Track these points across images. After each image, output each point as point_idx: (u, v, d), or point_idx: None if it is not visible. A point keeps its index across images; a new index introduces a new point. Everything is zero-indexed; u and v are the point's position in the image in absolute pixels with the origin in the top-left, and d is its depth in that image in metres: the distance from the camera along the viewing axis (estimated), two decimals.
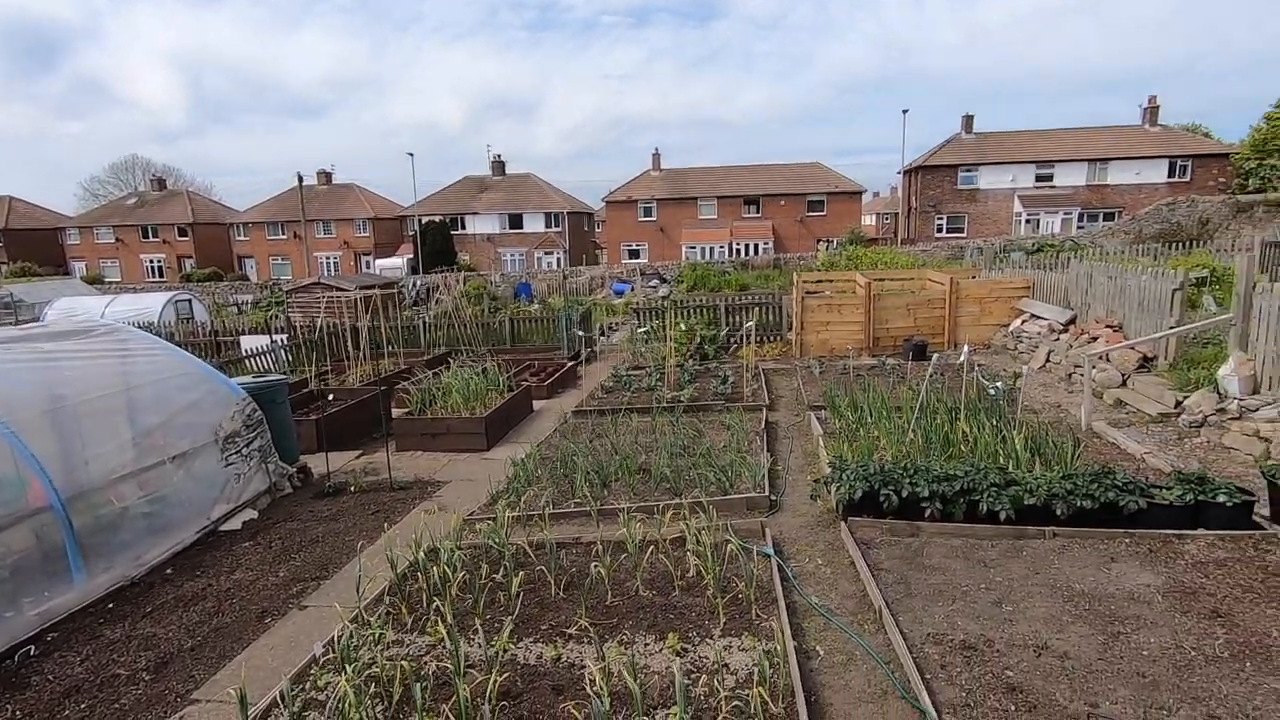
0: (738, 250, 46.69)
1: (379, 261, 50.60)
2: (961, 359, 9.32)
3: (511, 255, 52.88)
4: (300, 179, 44.28)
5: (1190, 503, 5.61)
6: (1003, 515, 5.65)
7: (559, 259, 51.65)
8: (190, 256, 58.41)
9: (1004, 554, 5.46)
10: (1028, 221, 42.38)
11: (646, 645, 4.47)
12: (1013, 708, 3.74)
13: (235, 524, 7.02)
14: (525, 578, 5.29)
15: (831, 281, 18.19)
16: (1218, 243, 24.81)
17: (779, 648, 4.09)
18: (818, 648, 4.44)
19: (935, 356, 10.03)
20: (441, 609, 4.75)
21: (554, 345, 16.20)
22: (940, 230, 44.36)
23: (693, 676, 4.09)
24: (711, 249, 47.34)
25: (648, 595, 5.05)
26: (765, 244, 47.08)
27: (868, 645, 4.39)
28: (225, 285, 45.53)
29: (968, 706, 3.77)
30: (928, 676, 4.00)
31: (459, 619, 4.81)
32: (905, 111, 45.15)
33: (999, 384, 9.71)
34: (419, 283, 32.48)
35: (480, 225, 53.69)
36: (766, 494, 6.73)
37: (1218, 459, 7.27)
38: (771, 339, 15.96)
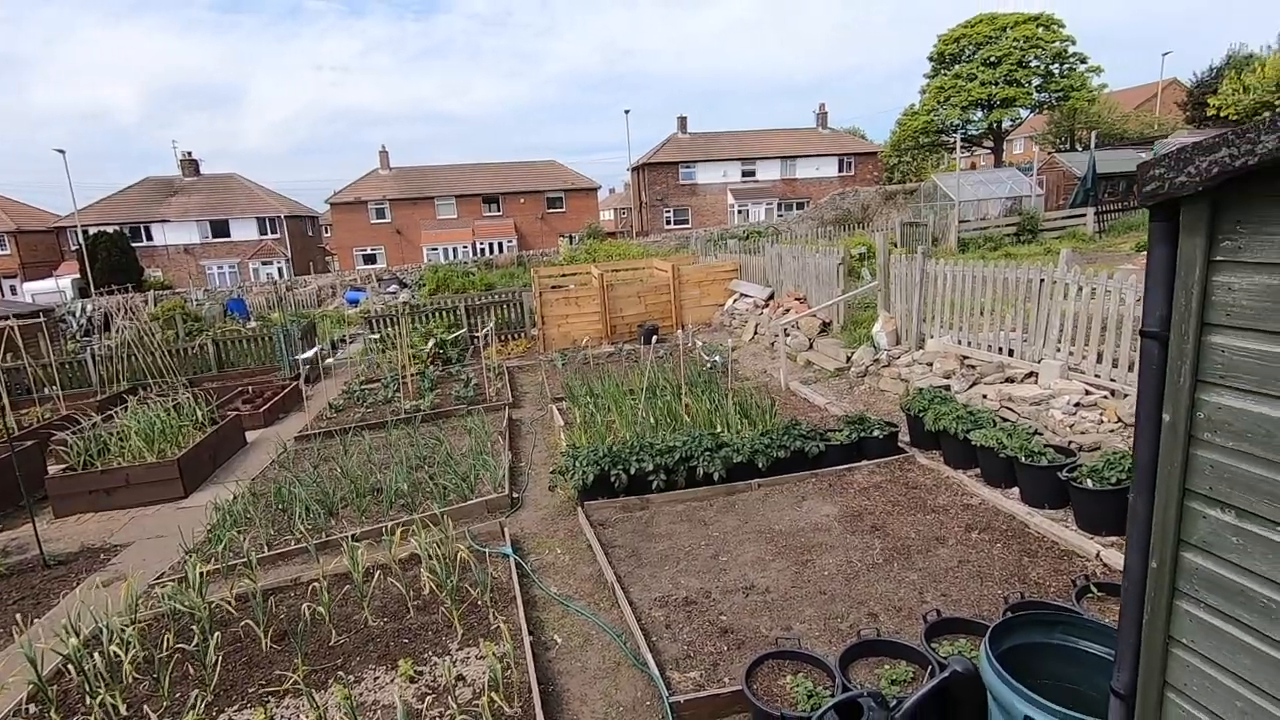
0: (482, 249, 45.86)
1: (29, 285, 40.47)
2: (684, 339, 10.17)
3: (220, 268, 45.87)
4: None
5: (856, 440, 6.76)
6: (716, 476, 6.26)
7: (281, 269, 46.07)
8: None
9: (720, 510, 6.05)
10: (739, 212, 47.83)
11: (377, 679, 4.14)
12: (725, 648, 4.15)
13: None
14: (228, 638, 4.59)
15: (574, 275, 18.69)
16: (875, 224, 30.41)
17: (510, 648, 4.05)
18: (556, 636, 4.49)
19: (655, 339, 10.77)
20: (111, 701, 3.91)
21: (273, 366, 14.39)
22: (669, 222, 48.08)
23: (427, 700, 3.88)
24: (455, 249, 45.88)
25: (379, 624, 4.68)
26: (509, 242, 46.89)
27: (603, 623, 4.56)
28: None
29: (688, 657, 4.09)
30: (654, 639, 4.27)
31: (136, 707, 4.00)
32: (627, 111, 48.19)
33: (717, 358, 10.79)
34: (90, 308, 26.62)
35: (174, 235, 45.65)
36: (507, 493, 6.67)
37: (877, 401, 8.87)
38: (516, 336, 15.95)
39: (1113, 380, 6.62)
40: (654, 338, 13.74)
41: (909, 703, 3.02)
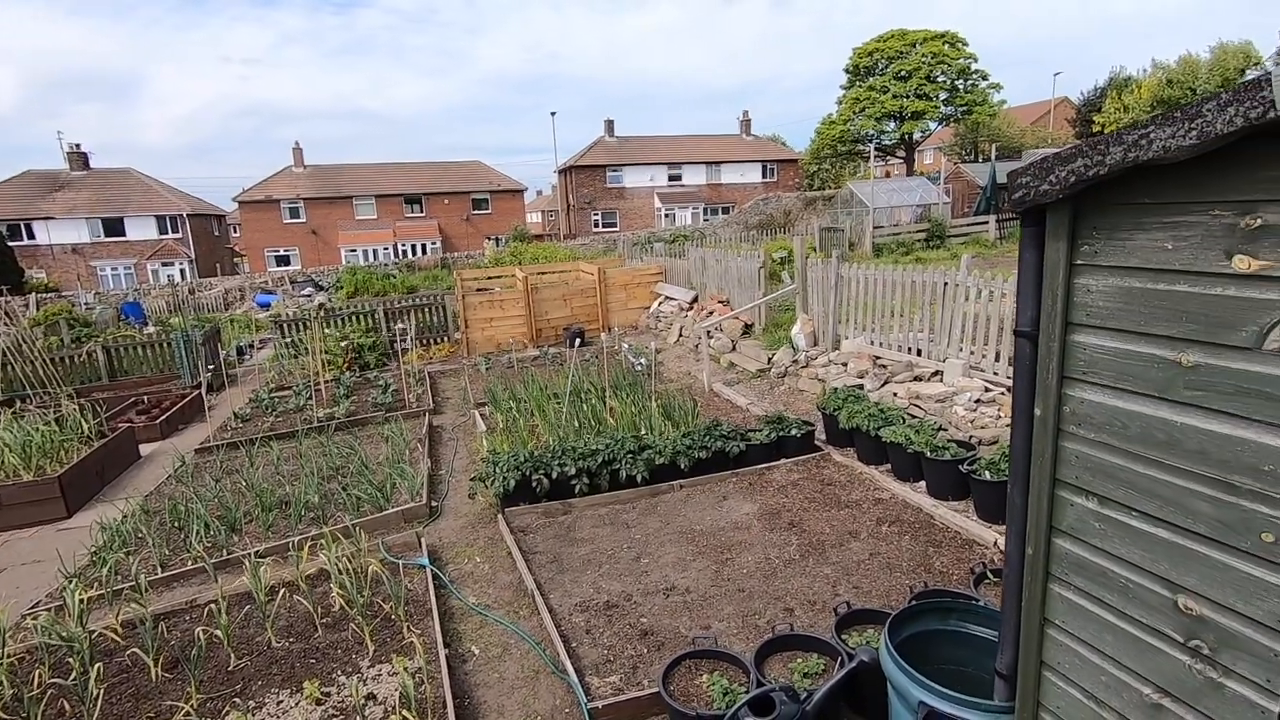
0: (404, 251, 44.57)
1: None
2: (610, 342, 10.16)
3: (114, 269, 42.67)
4: None
5: (775, 439, 6.91)
6: (639, 478, 6.28)
7: (184, 270, 43.30)
8: None
9: (643, 513, 6.07)
10: (666, 215, 48.34)
11: (280, 703, 3.92)
12: (645, 650, 4.15)
13: None
14: (113, 669, 4.26)
15: (500, 278, 18.40)
16: (796, 229, 31.33)
17: (424, 662, 3.92)
18: (473, 648, 4.38)
19: (580, 342, 10.73)
20: None
21: (172, 374, 13.48)
22: (597, 225, 48.07)
23: None
24: (375, 251, 44.37)
25: (283, 645, 4.44)
26: (433, 243, 45.77)
27: (522, 631, 4.48)
28: None
29: (608, 662, 4.07)
30: (574, 645, 4.23)
31: None
32: (553, 113, 47.95)
33: (642, 361, 10.84)
34: None
35: (60, 233, 42.15)
36: (426, 502, 6.48)
37: (796, 400, 9.12)
38: (439, 340, 15.53)
39: (1009, 378, 7.04)
40: (580, 341, 13.68)
41: (819, 694, 3.10)
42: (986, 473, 5.34)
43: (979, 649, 2.81)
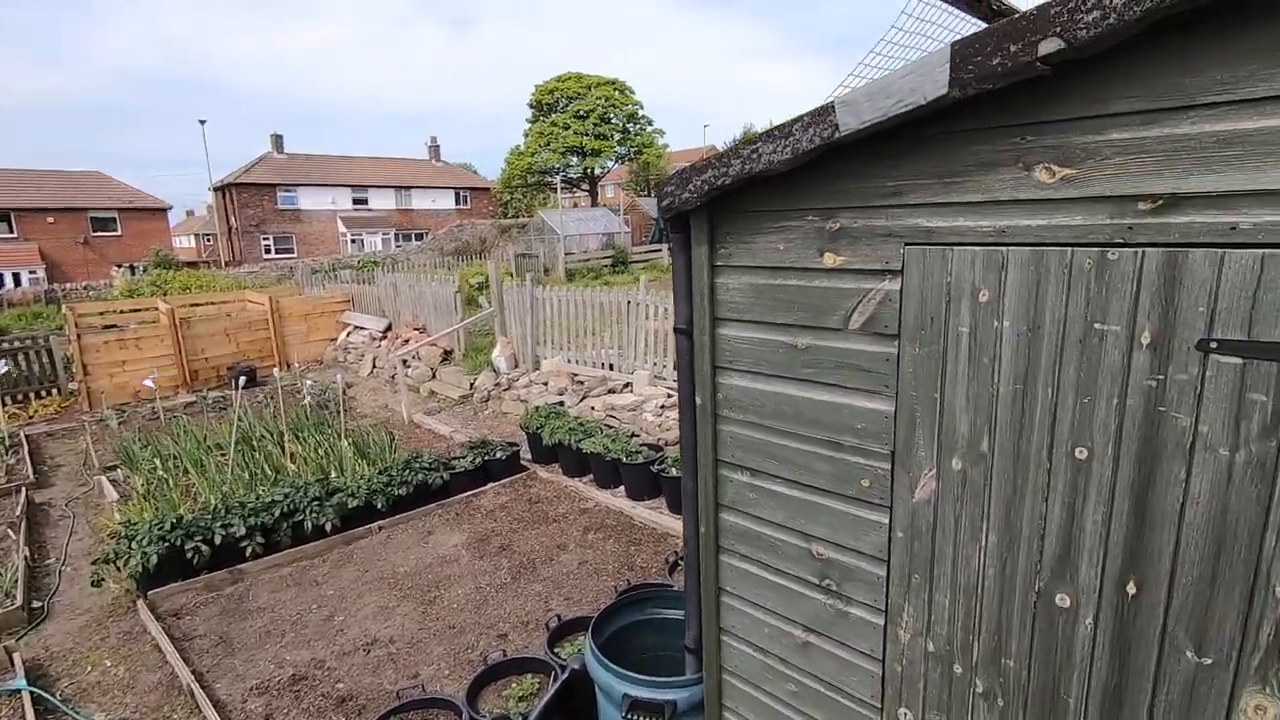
0: None
1: None
2: (289, 380, 8.94)
3: None
4: None
5: (480, 464, 6.74)
6: (329, 526, 5.59)
7: None
8: None
9: (336, 564, 5.40)
10: (353, 241, 44.83)
11: None
12: (343, 719, 3.66)
13: None
14: None
15: (137, 311, 15.06)
16: (493, 255, 31.57)
17: None
18: None
19: (250, 382, 9.35)
20: None
21: None
22: (269, 251, 42.50)
23: None
24: None
25: None
26: (31, 272, 35.80)
27: None
28: None
29: None
30: None
31: None
32: (203, 122, 41.39)
33: (328, 396, 9.77)
34: None
35: None
36: (21, 604, 4.90)
37: (500, 423, 9.06)
38: (46, 393, 12.12)
39: None
40: (249, 380, 11.82)
41: (533, 716, 3.03)
42: (673, 469, 5.88)
43: (674, 632, 3.01)
